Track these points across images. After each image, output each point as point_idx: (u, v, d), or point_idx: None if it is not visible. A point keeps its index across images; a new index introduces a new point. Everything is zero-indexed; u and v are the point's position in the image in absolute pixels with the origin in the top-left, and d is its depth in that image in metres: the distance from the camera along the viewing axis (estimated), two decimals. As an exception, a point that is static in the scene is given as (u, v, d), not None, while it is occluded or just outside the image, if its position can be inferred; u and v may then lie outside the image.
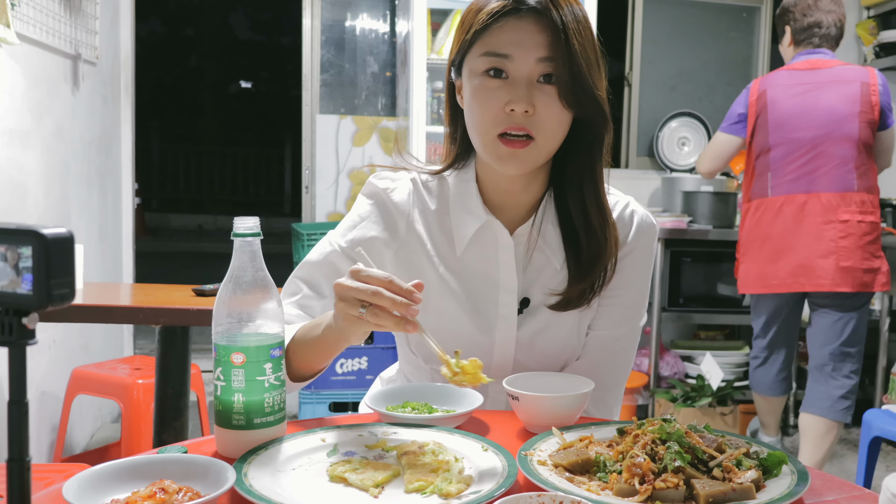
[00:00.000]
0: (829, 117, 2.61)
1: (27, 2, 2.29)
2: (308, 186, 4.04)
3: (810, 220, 2.61)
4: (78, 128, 2.87)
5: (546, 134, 1.08)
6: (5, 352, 0.59)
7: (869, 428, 2.29)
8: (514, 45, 1.06)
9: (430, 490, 0.82)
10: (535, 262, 1.19)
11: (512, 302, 1.18)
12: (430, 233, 1.20)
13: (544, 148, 1.09)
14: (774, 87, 2.70)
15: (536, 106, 1.06)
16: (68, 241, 0.59)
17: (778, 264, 2.68)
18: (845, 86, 2.62)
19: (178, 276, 3.22)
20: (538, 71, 1.06)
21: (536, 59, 1.06)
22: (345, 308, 0.92)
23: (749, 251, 2.80)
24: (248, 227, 0.91)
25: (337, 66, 4.02)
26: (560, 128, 1.09)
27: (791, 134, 2.65)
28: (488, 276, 1.19)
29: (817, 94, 2.64)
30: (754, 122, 2.75)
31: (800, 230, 2.63)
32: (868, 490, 0.87)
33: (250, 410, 0.91)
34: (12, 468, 0.59)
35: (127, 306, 1.98)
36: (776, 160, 2.68)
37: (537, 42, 1.05)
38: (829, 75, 2.65)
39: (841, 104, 2.61)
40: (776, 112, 2.67)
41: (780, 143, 2.67)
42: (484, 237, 1.18)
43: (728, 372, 3.47)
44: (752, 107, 2.74)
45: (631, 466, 0.81)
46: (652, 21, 4.18)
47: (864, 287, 2.60)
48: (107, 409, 3.37)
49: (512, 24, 1.07)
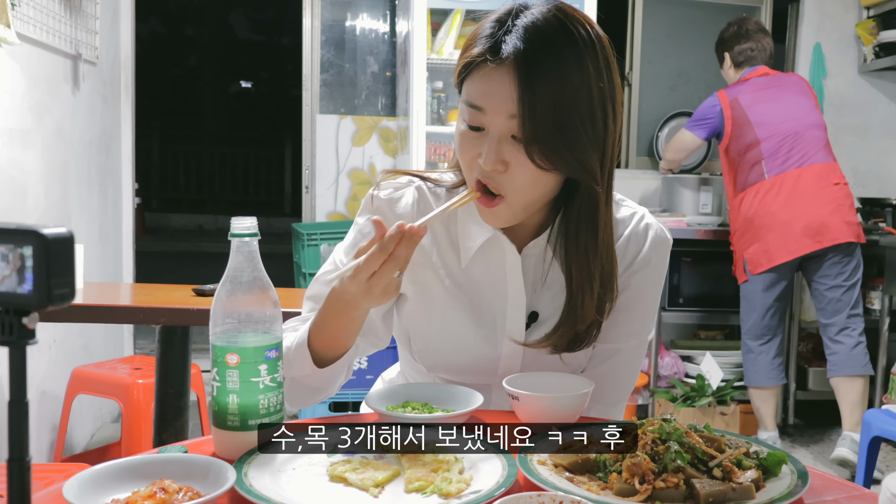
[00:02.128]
0: (800, 109, 3.15)
1: (27, 2, 2.29)
2: (308, 186, 4.04)
3: (810, 186, 3.06)
4: (78, 128, 2.87)
5: (517, 192, 1.03)
6: (6, 351, 0.59)
7: (869, 428, 2.29)
8: (487, 97, 1.00)
9: (430, 490, 0.82)
10: (549, 277, 1.16)
11: (520, 317, 1.16)
12: (437, 242, 1.17)
13: (516, 205, 1.05)
14: (744, 94, 3.19)
15: (510, 163, 1.01)
16: (68, 241, 0.59)
17: (793, 230, 3.05)
18: (794, 83, 3.22)
19: (178, 276, 3.22)
20: (510, 128, 1.00)
21: (508, 116, 0.99)
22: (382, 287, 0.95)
23: (753, 232, 3.12)
24: (245, 227, 0.91)
25: (337, 66, 4.02)
26: (537, 184, 1.03)
27: (776, 127, 3.11)
28: (495, 289, 1.16)
29: (780, 94, 3.17)
30: (731, 125, 3.18)
31: (804, 197, 3.05)
32: (868, 490, 0.87)
33: (245, 412, 0.90)
34: (12, 468, 0.59)
35: (127, 306, 1.98)
36: (768, 150, 3.11)
37: (509, 96, 0.98)
38: (777, 79, 3.21)
39: (803, 98, 3.17)
40: (756, 112, 3.14)
41: (768, 136, 3.11)
42: (491, 250, 1.15)
43: (728, 372, 3.47)
44: (727, 111, 3.20)
45: (631, 466, 0.81)
46: (652, 21, 4.18)
47: (859, 238, 3.11)
48: (107, 409, 3.37)
49: (489, 74, 1.00)
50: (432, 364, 1.20)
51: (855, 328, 3.13)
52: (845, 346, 3.12)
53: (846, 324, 3.13)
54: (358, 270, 0.95)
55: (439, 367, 1.19)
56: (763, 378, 3.18)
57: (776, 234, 3.07)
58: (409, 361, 1.27)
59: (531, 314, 1.17)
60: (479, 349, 1.16)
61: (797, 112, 3.13)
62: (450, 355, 1.17)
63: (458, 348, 1.16)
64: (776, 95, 3.17)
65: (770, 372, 3.18)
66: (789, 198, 3.05)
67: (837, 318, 3.14)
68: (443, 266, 1.17)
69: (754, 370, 3.20)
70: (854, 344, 3.12)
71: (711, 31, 4.30)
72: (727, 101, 3.19)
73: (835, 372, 3.15)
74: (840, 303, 3.13)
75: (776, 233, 3.07)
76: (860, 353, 3.12)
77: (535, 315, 1.16)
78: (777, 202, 3.07)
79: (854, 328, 3.13)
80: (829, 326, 3.17)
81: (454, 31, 3.37)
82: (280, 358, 0.93)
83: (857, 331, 3.13)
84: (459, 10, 3.36)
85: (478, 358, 1.16)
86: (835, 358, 3.15)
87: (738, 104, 3.17)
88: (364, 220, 1.19)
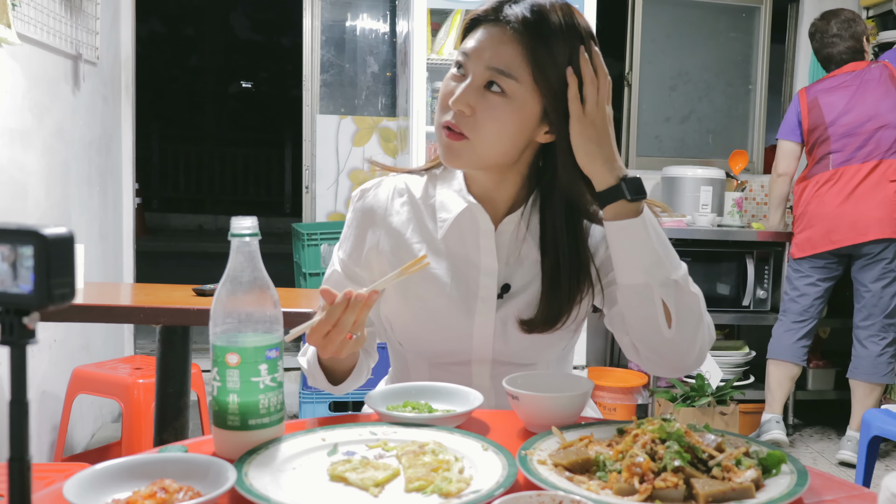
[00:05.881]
0: (875, 108, 3.14)
1: (28, 2, 2.29)
2: (308, 186, 4.04)
3: (868, 182, 3.10)
4: (78, 128, 2.87)
5: (481, 137, 1.10)
6: (6, 351, 0.59)
7: (868, 427, 2.29)
8: (477, 48, 1.11)
9: (430, 490, 0.82)
10: (522, 252, 1.21)
11: (491, 285, 1.20)
12: (415, 219, 1.24)
13: (478, 149, 1.11)
14: (823, 93, 3.22)
15: (476, 109, 1.10)
16: (68, 240, 0.59)
17: (840, 222, 3.11)
18: (878, 80, 3.16)
19: (178, 275, 3.21)
20: (486, 76, 1.09)
21: (486, 66, 1.09)
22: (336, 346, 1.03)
23: (807, 220, 3.20)
24: (245, 227, 0.91)
25: (337, 66, 4.02)
26: (500, 136, 1.11)
27: (847, 126, 3.15)
28: (469, 259, 1.21)
29: (860, 92, 3.16)
30: (808, 124, 3.23)
31: (858, 191, 3.10)
32: (867, 490, 0.87)
33: (245, 411, 0.90)
34: (13, 468, 0.59)
35: (127, 306, 1.98)
36: (836, 147, 3.16)
37: (497, 50, 1.09)
38: (861, 75, 3.18)
39: (880, 95, 3.15)
40: (831, 111, 3.18)
41: (840, 134, 3.16)
42: (466, 222, 1.21)
43: (728, 372, 3.47)
44: (805, 111, 3.24)
45: (631, 466, 0.81)
46: (652, 21, 4.18)
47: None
48: (107, 409, 3.37)
49: (482, 29, 1.12)
50: (412, 342, 1.25)
51: (886, 336, 3.16)
52: (870, 353, 3.16)
53: (877, 329, 3.17)
54: (312, 330, 1.03)
55: (419, 342, 1.24)
56: (782, 352, 3.25)
57: (824, 223, 3.15)
58: (395, 351, 1.31)
59: (504, 286, 1.21)
60: (454, 318, 1.20)
61: (874, 109, 3.14)
62: (427, 327, 1.22)
63: (434, 318, 1.21)
64: (855, 93, 3.18)
65: (790, 348, 3.24)
66: (843, 190, 3.11)
67: (870, 321, 3.17)
68: (420, 239, 1.23)
69: (777, 343, 3.29)
70: (879, 352, 3.15)
71: (711, 31, 4.32)
72: (805, 100, 3.25)
73: (855, 374, 3.20)
74: (875, 307, 3.16)
75: (824, 222, 3.14)
76: (883, 363, 3.16)
77: (508, 287, 1.21)
78: (831, 193, 3.14)
79: (885, 336, 3.16)
80: (860, 328, 3.20)
81: (454, 31, 3.37)
82: (280, 358, 0.93)
83: (887, 340, 3.16)
84: (459, 11, 3.36)
85: (453, 327, 1.20)
86: (858, 361, 3.19)
87: (816, 103, 3.22)
88: (350, 213, 1.29)
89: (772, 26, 4.26)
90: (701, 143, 4.39)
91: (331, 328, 1.01)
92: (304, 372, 1.21)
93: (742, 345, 3.71)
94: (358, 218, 1.27)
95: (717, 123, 4.38)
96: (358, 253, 1.26)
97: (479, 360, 1.22)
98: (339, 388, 1.23)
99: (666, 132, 4.35)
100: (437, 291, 1.21)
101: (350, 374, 1.22)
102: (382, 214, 1.25)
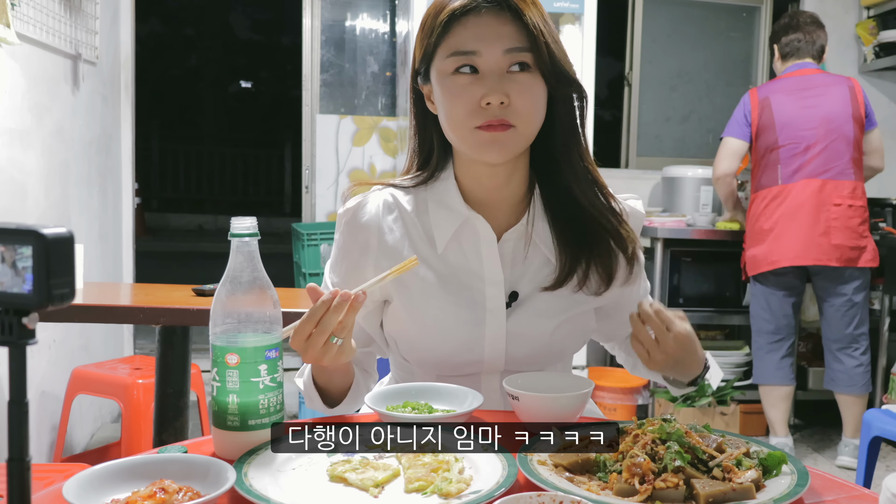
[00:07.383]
0: (828, 118, 3.02)
1: (27, 2, 2.29)
2: (308, 186, 4.04)
3: (811, 202, 2.99)
4: (78, 128, 2.87)
5: (524, 120, 1.09)
6: (5, 352, 0.59)
7: (869, 428, 2.29)
8: (479, 40, 1.08)
9: (430, 490, 0.81)
10: (529, 256, 1.20)
11: (498, 295, 1.17)
12: (409, 236, 1.19)
13: (524, 133, 1.11)
14: (776, 94, 3.08)
15: (511, 95, 1.08)
16: (68, 240, 0.59)
17: (784, 242, 3.02)
18: (837, 90, 3.06)
19: (178, 276, 3.21)
20: (507, 61, 1.09)
21: (503, 51, 1.08)
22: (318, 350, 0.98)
23: (756, 236, 3.10)
24: (245, 227, 0.91)
25: (337, 66, 4.02)
26: (537, 113, 1.11)
27: (797, 132, 3.03)
28: (472, 271, 1.18)
29: (815, 98, 3.05)
30: (757, 125, 3.10)
31: (801, 211, 3.00)
32: (868, 490, 0.87)
33: (245, 412, 0.90)
34: (12, 468, 0.59)
35: (127, 306, 1.98)
36: (785, 156, 3.05)
37: (501, 34, 1.08)
38: (820, 81, 3.08)
39: (836, 107, 3.04)
40: (782, 114, 3.05)
41: (788, 142, 3.04)
42: (466, 234, 1.18)
43: (728, 372, 3.47)
44: (755, 111, 3.11)
45: (631, 466, 0.81)
46: (652, 21, 4.18)
47: (850, 262, 3.01)
48: (107, 409, 3.37)
49: (473, 22, 1.09)
50: (420, 357, 1.21)
51: (857, 348, 3.09)
52: (845, 367, 3.11)
53: (847, 343, 3.10)
54: (295, 333, 0.99)
55: (427, 357, 1.21)
56: (769, 376, 3.15)
57: (771, 241, 3.05)
58: (399, 364, 1.28)
59: (511, 294, 1.19)
60: (463, 331, 1.17)
61: (825, 119, 3.02)
62: (435, 341, 1.19)
63: (443, 334, 1.17)
64: (810, 99, 3.06)
65: (776, 371, 3.14)
66: (789, 209, 3.01)
67: (838, 335, 3.12)
68: (418, 255, 1.19)
69: (761, 367, 3.19)
70: (855, 364, 3.09)
71: (711, 31, 4.32)
72: (756, 101, 3.12)
73: (833, 386, 3.16)
74: (840, 322, 3.10)
75: (771, 240, 3.05)
76: (859, 374, 3.10)
77: (515, 295, 1.19)
78: (779, 211, 3.03)
79: (857, 348, 3.09)
80: (830, 342, 3.16)
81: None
82: (280, 358, 0.93)
83: (859, 350, 3.09)
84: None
85: (463, 340, 1.17)
86: (833, 374, 3.15)
87: (767, 104, 3.08)
88: (339, 235, 1.23)
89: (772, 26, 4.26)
90: (701, 143, 4.39)
91: (313, 329, 0.97)
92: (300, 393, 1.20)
93: (742, 345, 3.71)
94: (349, 242, 1.21)
95: (717, 123, 4.38)
96: (354, 279, 1.18)
97: (490, 371, 1.20)
98: (335, 411, 1.18)
99: (666, 132, 4.35)
100: (443, 307, 1.17)
101: (346, 395, 1.18)
102: (376, 234, 1.19)
